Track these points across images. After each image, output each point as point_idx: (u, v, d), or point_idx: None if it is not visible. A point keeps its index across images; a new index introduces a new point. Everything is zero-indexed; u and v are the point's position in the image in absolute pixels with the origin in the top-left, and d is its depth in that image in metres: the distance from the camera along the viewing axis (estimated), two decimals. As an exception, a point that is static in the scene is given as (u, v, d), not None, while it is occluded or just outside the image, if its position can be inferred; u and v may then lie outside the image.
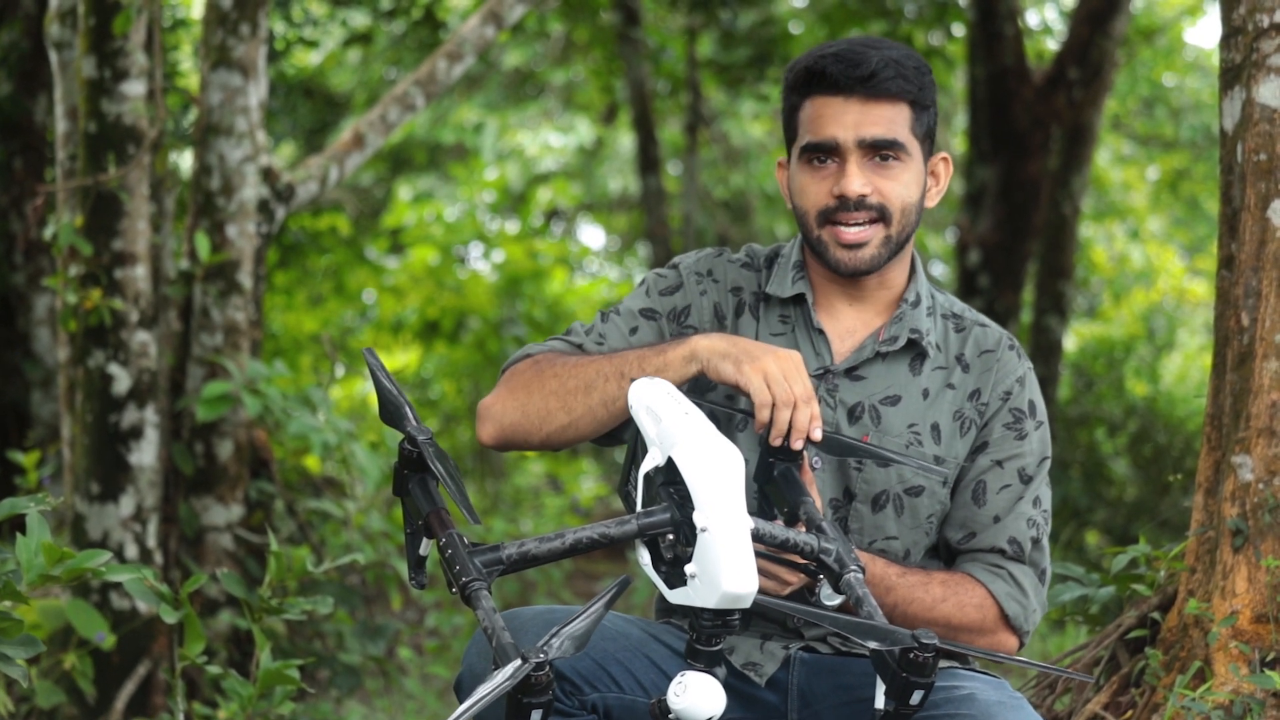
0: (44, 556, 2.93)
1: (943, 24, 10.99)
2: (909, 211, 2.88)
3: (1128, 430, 10.16)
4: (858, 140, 2.84)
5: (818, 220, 2.87)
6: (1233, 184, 3.45)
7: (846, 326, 2.93)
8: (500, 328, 12.91)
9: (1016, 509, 2.87)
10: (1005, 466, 2.88)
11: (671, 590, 2.39)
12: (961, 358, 2.93)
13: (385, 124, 5.96)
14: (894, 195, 2.86)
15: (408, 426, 2.50)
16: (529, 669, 2.22)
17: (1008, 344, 2.95)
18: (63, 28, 5.28)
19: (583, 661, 2.67)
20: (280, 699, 3.60)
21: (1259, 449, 3.25)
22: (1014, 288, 10.27)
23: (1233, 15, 3.45)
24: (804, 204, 2.89)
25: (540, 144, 14.36)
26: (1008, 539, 2.85)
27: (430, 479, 2.51)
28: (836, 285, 2.94)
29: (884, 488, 2.85)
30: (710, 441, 2.38)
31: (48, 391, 6.48)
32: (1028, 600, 2.85)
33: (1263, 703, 3.13)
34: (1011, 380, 2.92)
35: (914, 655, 2.35)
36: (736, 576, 2.31)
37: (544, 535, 2.45)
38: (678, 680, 2.36)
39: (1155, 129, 14.31)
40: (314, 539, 5.53)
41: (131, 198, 5.04)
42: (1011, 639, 2.85)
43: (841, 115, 2.85)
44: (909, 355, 2.91)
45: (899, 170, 2.87)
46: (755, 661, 2.83)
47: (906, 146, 2.87)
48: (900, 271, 2.95)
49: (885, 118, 2.85)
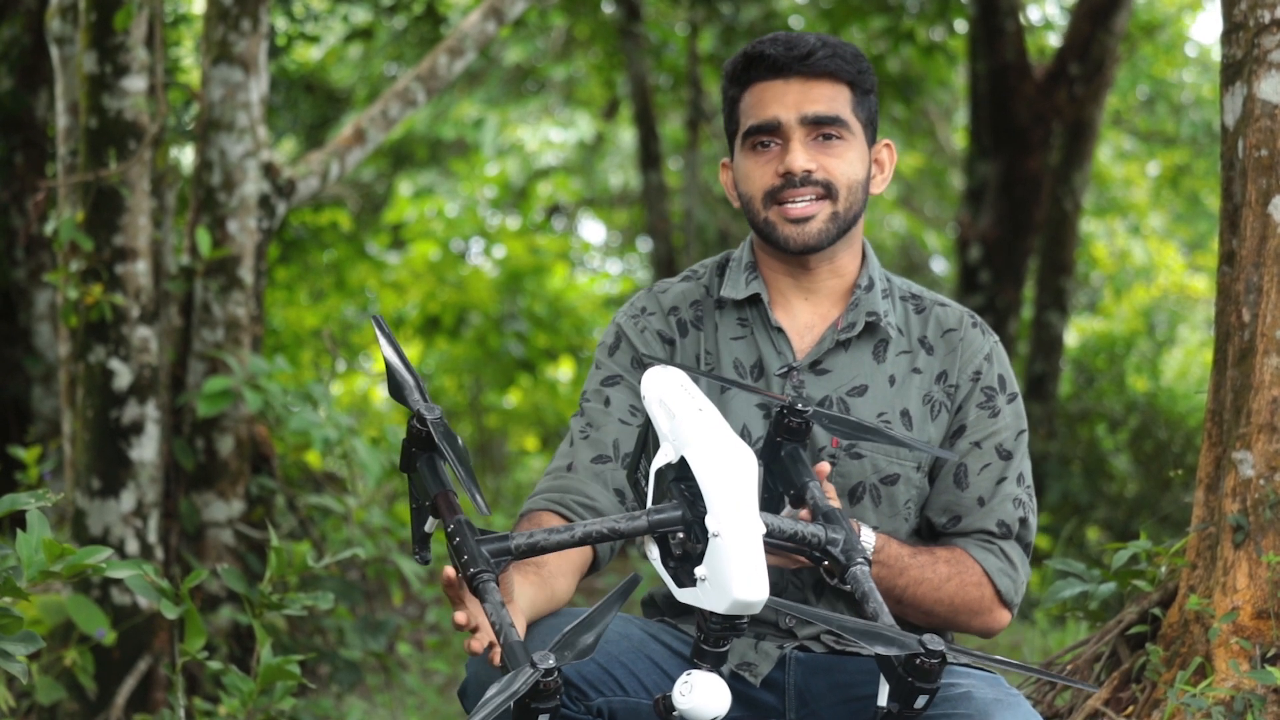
0: (45, 552, 2.93)
1: (944, 19, 10.98)
2: (854, 189, 2.88)
3: (1129, 426, 10.15)
4: (800, 117, 2.85)
5: (764, 201, 2.88)
6: (1234, 180, 3.45)
7: (805, 322, 2.93)
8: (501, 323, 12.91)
9: (1000, 490, 2.87)
10: (984, 446, 2.88)
11: (680, 589, 2.38)
12: (925, 340, 2.93)
13: (386, 119, 5.96)
14: (838, 172, 2.86)
15: (416, 404, 2.48)
16: (539, 675, 2.20)
17: (970, 321, 2.95)
18: (64, 23, 5.28)
19: (588, 666, 2.66)
20: (281, 694, 3.60)
21: (1260, 445, 3.25)
22: (1015, 283, 10.26)
23: (1234, 11, 3.44)
24: (750, 189, 2.90)
25: (541, 139, 14.35)
26: (996, 522, 2.86)
27: (439, 458, 2.49)
28: (790, 279, 2.94)
29: (859, 479, 2.85)
30: (724, 443, 2.36)
31: (48, 387, 6.48)
32: (1017, 575, 2.86)
33: (1263, 699, 3.13)
34: (979, 359, 2.92)
35: (920, 661, 2.34)
36: (748, 585, 2.29)
37: (553, 527, 2.44)
38: (683, 679, 2.35)
39: (1156, 125, 14.30)
40: (315, 534, 5.53)
41: (132, 193, 5.04)
42: (1004, 614, 2.88)
43: (783, 95, 2.87)
44: (871, 343, 2.91)
45: (842, 148, 2.87)
46: (750, 661, 2.83)
47: (849, 124, 2.88)
48: (851, 259, 2.95)
49: (826, 95, 2.87)
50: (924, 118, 14.65)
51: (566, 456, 2.89)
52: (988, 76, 10.21)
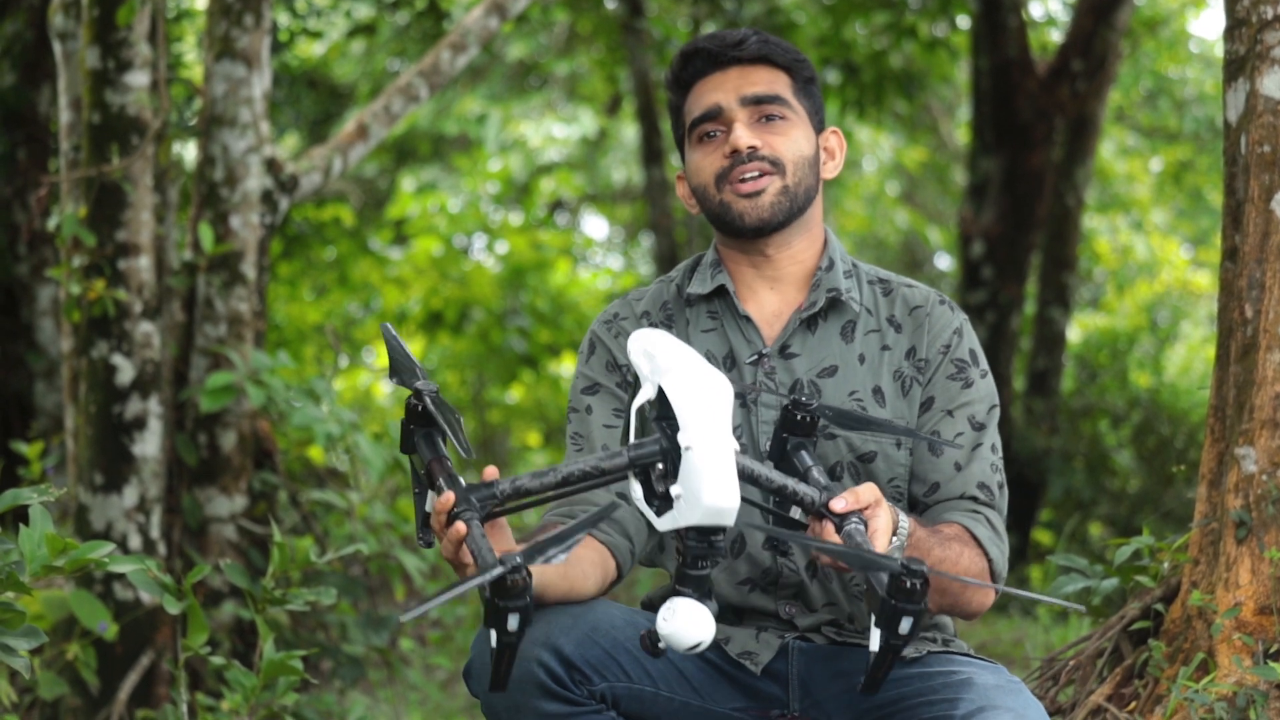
0: (47, 547, 2.93)
1: (947, 15, 10.97)
2: (801, 165, 2.92)
3: (1131, 422, 10.15)
4: (740, 99, 2.90)
5: (716, 185, 2.93)
6: (1236, 176, 3.45)
7: (772, 310, 2.96)
8: (504, 319, 12.92)
9: (976, 454, 2.87)
10: (956, 415, 2.89)
11: (660, 519, 2.42)
12: (893, 318, 2.95)
13: (389, 115, 5.96)
14: (784, 148, 2.90)
15: (414, 382, 2.56)
16: (505, 571, 2.28)
17: (937, 299, 2.97)
18: (66, 18, 5.28)
19: (592, 650, 2.68)
20: (283, 690, 3.61)
21: (1263, 441, 3.25)
22: (1018, 279, 10.26)
23: (1237, 7, 3.45)
24: (701, 179, 2.95)
25: (544, 135, 14.35)
26: (977, 484, 2.86)
27: (435, 433, 2.57)
28: (753, 270, 2.97)
29: (836, 459, 2.87)
30: (700, 369, 2.43)
31: (51, 382, 6.48)
32: (1004, 546, 2.86)
33: (1266, 694, 3.13)
34: (948, 333, 2.93)
35: (903, 581, 2.36)
36: (718, 491, 2.35)
37: (537, 470, 2.50)
38: (667, 606, 2.39)
39: (1159, 121, 14.29)
40: (317, 530, 5.53)
41: (135, 188, 5.04)
42: (991, 590, 2.83)
43: (721, 83, 2.93)
44: (839, 323, 2.94)
45: (785, 127, 2.92)
46: (751, 651, 2.85)
47: (791, 104, 2.93)
48: (809, 244, 2.98)
49: (764, 79, 2.93)
50: (926, 113, 14.63)
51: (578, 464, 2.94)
52: (990, 72, 10.20)
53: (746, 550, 2.91)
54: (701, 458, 2.35)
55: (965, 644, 2.95)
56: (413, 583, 6.02)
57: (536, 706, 2.63)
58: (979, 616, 2.87)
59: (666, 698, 2.78)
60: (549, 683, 2.63)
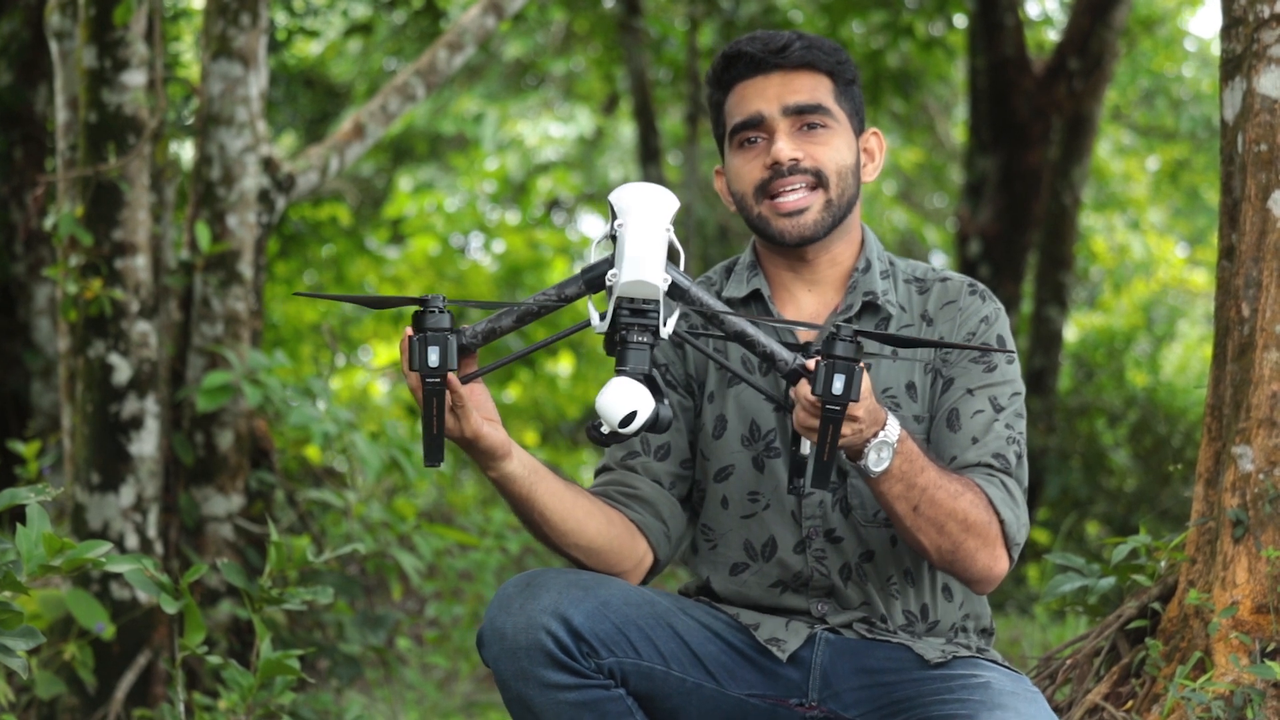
0: (44, 547, 2.93)
1: (944, 14, 10.99)
2: (844, 175, 2.90)
3: (1128, 421, 10.15)
4: (782, 108, 2.88)
5: (755, 196, 2.91)
6: (1233, 175, 3.45)
7: (810, 312, 2.95)
8: (501, 318, 12.87)
9: (993, 429, 2.84)
10: (976, 394, 2.86)
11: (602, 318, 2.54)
12: (925, 314, 2.94)
13: (386, 114, 5.95)
14: (826, 159, 2.88)
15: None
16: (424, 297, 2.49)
17: (969, 289, 2.95)
18: (63, 17, 5.27)
19: (602, 624, 2.67)
20: (280, 689, 3.60)
21: (1259, 439, 3.25)
22: (1014, 278, 10.26)
23: (1233, 6, 3.45)
24: (741, 186, 2.93)
25: (541, 134, 14.35)
26: (992, 454, 2.82)
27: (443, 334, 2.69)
28: (791, 273, 2.96)
29: None
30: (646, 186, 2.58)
31: (48, 381, 6.48)
32: (1020, 512, 2.81)
33: (1263, 693, 3.13)
34: (975, 320, 2.92)
35: (835, 329, 2.48)
36: (642, 260, 2.50)
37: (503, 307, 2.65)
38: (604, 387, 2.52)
39: (1156, 120, 14.29)
40: (314, 529, 5.53)
41: (132, 188, 5.04)
42: (1005, 555, 2.79)
43: (764, 90, 2.90)
44: (872, 323, 2.93)
45: (827, 135, 2.90)
46: (779, 638, 2.85)
47: (832, 113, 2.90)
48: (847, 246, 2.96)
49: (807, 86, 2.90)
50: (923, 113, 14.64)
51: (604, 459, 3.02)
52: (987, 71, 10.20)
53: (778, 554, 2.90)
54: (629, 230, 2.52)
55: (998, 655, 2.94)
56: (410, 582, 6.02)
57: (542, 676, 2.62)
58: (988, 585, 2.81)
59: (678, 678, 2.77)
60: (556, 652, 2.62)
